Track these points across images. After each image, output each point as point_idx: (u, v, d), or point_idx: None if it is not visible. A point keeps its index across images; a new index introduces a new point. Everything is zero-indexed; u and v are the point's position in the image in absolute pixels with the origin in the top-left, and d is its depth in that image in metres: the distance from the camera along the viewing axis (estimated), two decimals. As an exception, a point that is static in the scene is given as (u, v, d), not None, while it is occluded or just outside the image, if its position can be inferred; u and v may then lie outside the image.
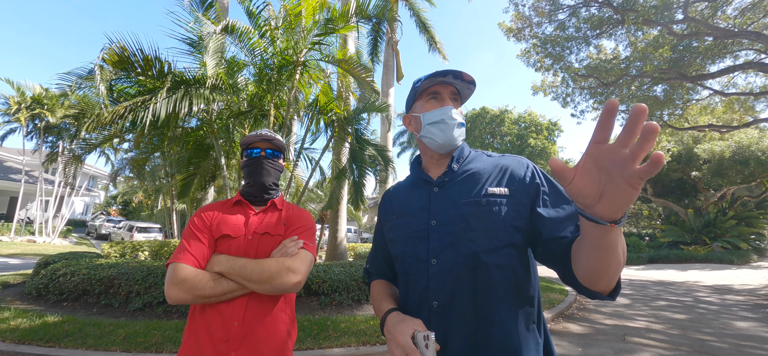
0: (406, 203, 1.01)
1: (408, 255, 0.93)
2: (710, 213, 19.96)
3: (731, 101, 11.15)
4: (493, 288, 0.82)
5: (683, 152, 19.57)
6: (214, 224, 1.24)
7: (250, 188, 1.35)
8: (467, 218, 0.86)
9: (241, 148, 1.39)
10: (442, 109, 0.95)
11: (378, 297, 1.01)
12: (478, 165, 0.96)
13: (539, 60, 10.67)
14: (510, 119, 29.96)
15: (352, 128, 6.71)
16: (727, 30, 7.85)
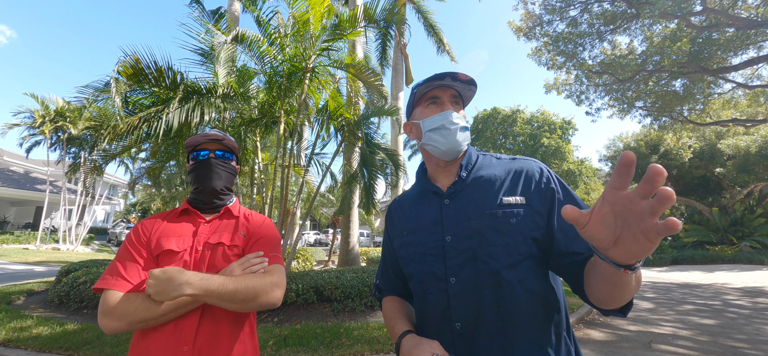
0: (417, 218, 0.95)
1: (424, 274, 0.87)
2: (737, 211, 19.09)
3: (756, 93, 10.66)
4: (518, 303, 0.77)
5: (705, 148, 18.83)
6: (153, 239, 1.11)
7: (198, 195, 1.21)
8: (484, 233, 0.81)
9: (185, 150, 1.25)
10: (442, 113, 0.91)
11: (391, 317, 0.96)
12: (489, 171, 0.90)
13: (551, 58, 10.46)
14: (522, 119, 29.52)
15: (362, 132, 6.70)
16: (750, 20, 7.51)
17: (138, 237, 1.12)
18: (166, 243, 1.10)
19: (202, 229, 1.16)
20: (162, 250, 1.09)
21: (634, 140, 21.68)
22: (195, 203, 1.22)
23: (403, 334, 0.83)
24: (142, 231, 1.13)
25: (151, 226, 1.15)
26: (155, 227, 1.15)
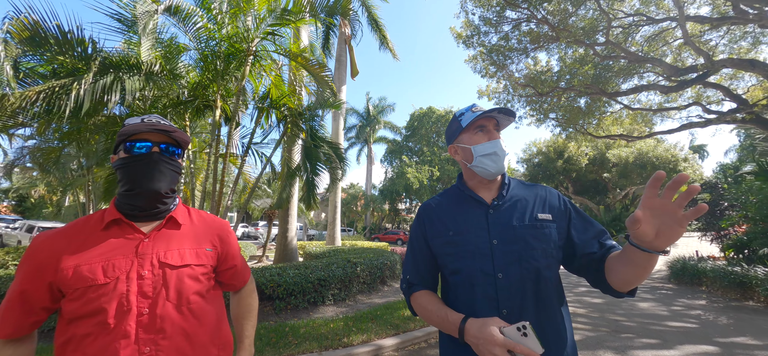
0: (462, 222, 1.09)
1: (474, 269, 1.02)
2: (616, 209, 23.29)
3: (636, 114, 13.11)
4: (549, 294, 1.01)
5: (597, 157, 22.54)
6: (65, 269, 0.83)
7: (134, 199, 0.93)
8: (527, 239, 1.02)
9: (116, 140, 0.95)
10: (493, 142, 1.08)
11: (437, 308, 1.05)
12: (522, 192, 1.12)
13: (485, 67, 11.41)
14: (454, 120, 31.63)
15: (307, 124, 6.48)
16: (636, 54, 9.22)
17: (35, 270, 0.84)
18: (89, 272, 0.83)
19: (146, 246, 0.91)
20: (87, 283, 0.82)
21: (545, 146, 24.85)
22: (128, 210, 0.94)
23: (464, 319, 0.95)
24: (44, 258, 0.84)
25: (55, 248, 0.85)
26: (62, 248, 0.85)
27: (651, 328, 4.82)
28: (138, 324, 0.84)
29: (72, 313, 0.82)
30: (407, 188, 28.72)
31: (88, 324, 0.82)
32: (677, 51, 10.47)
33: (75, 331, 0.82)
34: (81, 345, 0.81)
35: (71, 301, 0.83)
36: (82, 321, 0.82)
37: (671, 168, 17.54)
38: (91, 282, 0.83)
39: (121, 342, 0.82)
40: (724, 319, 5.23)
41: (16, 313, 0.84)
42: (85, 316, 0.82)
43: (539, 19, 8.96)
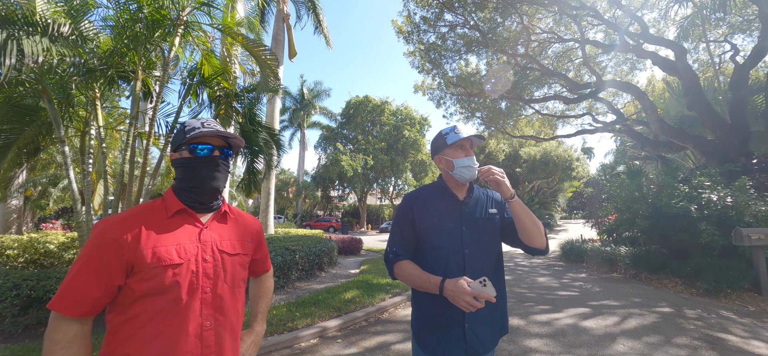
0: (443, 211, 1.45)
1: (449, 246, 1.39)
2: (525, 199, 26.84)
3: (544, 119, 15.21)
4: (496, 263, 1.46)
5: (512, 153, 25.53)
6: (144, 248, 0.92)
7: (198, 195, 1.06)
8: (484, 227, 1.43)
9: (179, 138, 1.05)
10: (470, 158, 1.42)
11: (418, 273, 1.35)
12: (480, 194, 1.52)
13: (422, 63, 12.00)
14: (389, 110, 32.34)
15: (245, 107, 6.12)
16: (547, 68, 10.71)
17: (113, 245, 0.91)
18: (167, 253, 0.94)
19: (206, 234, 1.04)
20: (165, 263, 0.93)
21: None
22: (190, 202, 1.06)
23: (443, 280, 1.26)
24: (119, 239, 0.92)
25: (132, 230, 0.94)
26: (137, 231, 0.94)
27: (546, 297, 5.85)
28: (202, 301, 0.98)
29: (145, 291, 0.91)
30: (341, 175, 28.69)
31: (161, 300, 0.92)
32: (577, 68, 12.47)
33: (145, 307, 0.91)
34: (152, 320, 0.91)
35: (145, 280, 0.91)
36: (155, 297, 0.92)
37: (567, 166, 20.84)
38: (169, 262, 0.94)
39: (189, 315, 0.95)
40: (597, 287, 6.60)
41: (93, 291, 0.88)
42: (159, 292, 0.92)
43: (472, 25, 9.77)
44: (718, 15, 9.67)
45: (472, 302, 1.15)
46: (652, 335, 3.96)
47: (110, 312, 0.94)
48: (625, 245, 8.61)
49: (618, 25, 9.61)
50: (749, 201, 5.82)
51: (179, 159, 1.07)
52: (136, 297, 0.91)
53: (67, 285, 0.88)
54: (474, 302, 1.15)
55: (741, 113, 8.18)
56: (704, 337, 3.86)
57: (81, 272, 0.89)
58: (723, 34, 10.53)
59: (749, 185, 6.25)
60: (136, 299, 0.91)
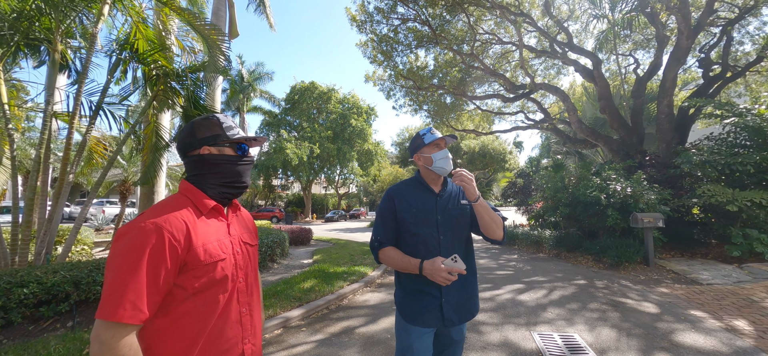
0: (421, 203, 1.62)
1: (426, 234, 1.57)
2: (463, 188, 28.77)
3: (483, 114, 16.41)
4: (470, 248, 1.69)
5: (454, 145, 27.05)
6: (197, 245, 0.94)
7: (233, 190, 1.10)
8: (456, 216, 1.62)
9: (213, 130, 1.06)
10: (445, 151, 1.62)
11: (400, 257, 1.55)
12: (452, 187, 1.71)
13: (373, 54, 12.08)
14: (336, 98, 31.84)
15: (187, 89, 5.60)
16: (489, 67, 11.58)
17: (168, 245, 0.88)
18: (214, 250, 0.98)
19: (232, 228, 1.09)
20: (215, 259, 0.97)
21: (415, 132, 28.10)
22: (219, 198, 1.07)
23: (422, 261, 1.47)
24: (174, 237, 0.89)
25: (182, 229, 0.92)
26: (187, 230, 0.93)
27: (487, 277, 6.51)
28: (239, 290, 1.04)
29: (197, 288, 0.93)
30: (285, 163, 27.60)
31: (210, 295, 0.96)
32: (513, 69, 13.68)
33: (194, 304, 0.93)
34: (201, 315, 0.94)
35: (198, 277, 0.93)
36: (205, 293, 0.95)
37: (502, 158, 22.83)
38: (218, 258, 0.98)
39: (232, 304, 1.01)
40: (528, 266, 7.51)
41: (154, 294, 0.86)
42: (210, 287, 0.96)
43: (423, 20, 10.11)
44: (625, 32, 11.38)
45: (446, 276, 1.37)
46: (572, 303, 4.69)
47: (163, 312, 0.91)
48: (550, 229, 9.85)
49: (549, 32, 10.76)
50: (643, 191, 7.11)
51: (218, 156, 1.06)
52: (187, 295, 0.92)
53: (124, 289, 0.81)
54: (448, 276, 1.37)
55: (639, 117, 9.83)
56: (610, 302, 4.70)
57: (139, 273, 0.83)
58: (628, 48, 12.47)
59: (643, 178, 7.61)
60: (188, 297, 0.92)
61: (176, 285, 0.91)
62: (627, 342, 3.34)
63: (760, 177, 6.74)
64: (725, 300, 4.47)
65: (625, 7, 10.75)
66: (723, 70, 9.34)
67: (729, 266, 6.19)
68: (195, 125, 1.07)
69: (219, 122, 1.08)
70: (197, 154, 1.06)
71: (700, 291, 5.02)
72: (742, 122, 6.87)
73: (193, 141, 1.05)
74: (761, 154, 6.53)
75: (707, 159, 7.06)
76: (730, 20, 9.29)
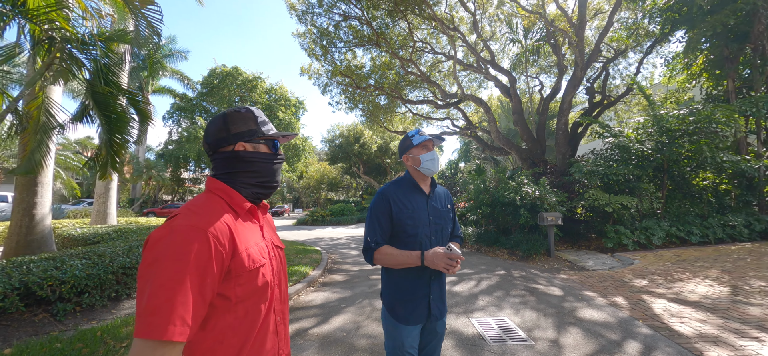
0: (415, 204, 1.67)
1: (421, 233, 1.64)
2: (391, 187, 29.79)
3: (414, 118, 17.31)
4: None
5: (383, 145, 27.84)
6: (241, 250, 0.87)
7: (268, 191, 1.04)
8: (444, 217, 1.73)
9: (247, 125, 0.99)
10: (432, 152, 1.67)
11: (398, 252, 1.59)
12: (440, 190, 1.79)
13: (311, 46, 11.72)
14: (262, 88, 29.84)
15: (96, 62, 4.67)
16: (424, 74, 12.30)
17: (214, 250, 0.79)
18: (256, 254, 0.91)
19: (264, 230, 1.02)
20: (258, 264, 0.90)
21: (346, 131, 28.08)
22: (253, 199, 1.01)
23: (422, 252, 1.53)
24: (219, 241, 0.81)
25: (227, 234, 0.84)
26: (230, 235, 0.85)
27: (424, 273, 6.98)
28: (274, 296, 0.98)
29: (240, 296, 0.86)
30: (200, 154, 24.81)
31: (253, 302, 0.90)
32: (442, 79, 14.77)
33: (237, 313, 0.86)
34: (245, 324, 0.88)
35: (241, 285, 0.86)
36: (248, 301, 0.88)
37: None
38: (260, 263, 0.91)
39: (270, 314, 0.96)
40: (457, 261, 8.27)
41: (200, 307, 0.76)
42: (252, 295, 0.89)
43: (365, 21, 10.21)
44: (534, 57, 13.27)
45: (448, 262, 1.47)
46: (498, 291, 5.36)
47: (203, 325, 0.83)
48: (472, 226, 10.95)
49: (475, 48, 11.93)
50: (547, 194, 8.45)
51: (254, 153, 0.99)
52: (228, 305, 0.85)
53: (173, 302, 0.71)
54: (450, 262, 1.47)
55: (542, 131, 11.59)
56: (527, 288, 5.51)
57: (185, 283, 0.73)
58: (535, 72, 14.59)
59: (547, 184, 9.04)
60: (229, 308, 0.85)
61: (221, 296, 0.84)
62: (545, 320, 3.99)
63: (627, 185, 8.63)
64: (606, 282, 5.64)
65: (535, 36, 12.55)
66: (602, 98, 11.66)
67: (605, 255, 7.79)
68: (228, 119, 0.98)
69: (254, 116, 1.01)
70: (231, 150, 0.97)
71: (589, 275, 6.22)
72: (617, 141, 8.69)
73: (228, 136, 0.97)
74: (628, 167, 8.37)
75: (592, 170, 8.74)
76: (609, 59, 11.66)
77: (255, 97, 29.62)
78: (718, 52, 10.19)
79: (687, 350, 3.09)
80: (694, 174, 9.00)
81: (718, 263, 6.34)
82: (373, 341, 3.49)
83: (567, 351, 3.16)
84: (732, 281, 5.17)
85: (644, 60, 11.68)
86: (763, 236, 8.26)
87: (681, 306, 4.27)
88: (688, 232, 8.01)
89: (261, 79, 29.55)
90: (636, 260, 6.92)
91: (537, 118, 11.88)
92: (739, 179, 9.15)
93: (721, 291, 4.76)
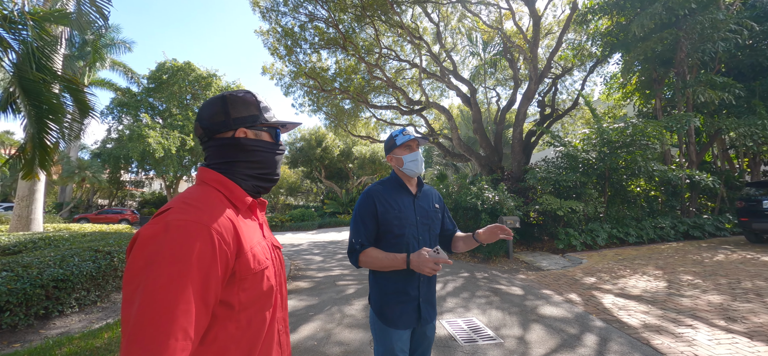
0: (402, 204, 1.64)
1: (408, 234, 1.61)
2: (353, 192, 29.55)
3: (378, 123, 17.39)
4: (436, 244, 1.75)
5: (346, 150, 27.60)
6: (246, 250, 0.77)
7: (268, 184, 0.94)
8: (433, 218, 1.70)
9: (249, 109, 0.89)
10: (415, 153, 1.66)
11: (383, 255, 1.53)
12: (427, 190, 1.77)
13: (275, 45, 11.32)
14: (218, 86, 28.17)
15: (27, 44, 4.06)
16: (390, 79, 12.44)
17: (218, 249, 0.70)
18: (261, 254, 0.82)
19: (263, 227, 0.92)
20: (263, 266, 0.81)
21: (308, 134, 27.42)
22: (253, 193, 0.90)
23: (407, 255, 1.46)
24: (224, 237, 0.72)
25: (231, 231, 0.75)
26: (235, 232, 0.75)
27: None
28: (277, 303, 0.88)
29: (244, 303, 0.77)
30: (145, 154, 22.67)
31: (257, 309, 0.80)
32: (406, 86, 15.04)
33: (240, 322, 0.76)
34: (249, 334, 0.78)
35: (245, 290, 0.77)
36: (251, 308, 0.79)
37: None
38: (265, 264, 0.82)
39: (275, 322, 0.86)
40: (422, 265, 8.38)
41: (202, 316, 0.66)
42: (256, 301, 0.79)
43: (332, 23, 10.09)
44: (491, 70, 14.02)
45: (433, 266, 1.39)
46: (464, 292, 5.51)
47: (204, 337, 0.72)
48: (435, 230, 11.20)
49: (438, 57, 12.34)
50: (506, 199, 8.91)
51: (256, 141, 0.89)
52: (231, 314, 0.74)
53: (173, 313, 0.60)
54: (435, 266, 1.39)
55: (500, 140, 12.24)
56: (490, 289, 5.72)
57: (186, 289, 0.62)
58: (493, 84, 15.44)
59: (505, 189, 9.53)
60: (231, 316, 0.74)
61: (223, 303, 0.73)
62: (510, 318, 4.16)
63: (574, 191, 9.37)
64: (561, 281, 6.05)
65: (493, 50, 13.29)
66: (552, 111, 12.62)
67: (557, 255, 8.37)
68: (228, 101, 0.87)
69: (256, 101, 0.91)
70: (230, 137, 0.86)
71: (545, 275, 6.63)
72: (566, 150, 9.43)
73: (227, 120, 0.86)
74: (576, 174, 9.11)
75: (545, 176, 9.38)
76: (557, 75, 12.69)
77: (209, 95, 27.87)
78: (648, 75, 11.55)
79: (636, 339, 3.39)
80: (629, 181, 10.03)
81: (652, 260, 7.09)
82: (346, 348, 3.38)
83: (534, 347, 3.31)
84: (665, 276, 5.80)
85: (588, 78, 12.90)
86: (686, 236, 9.41)
87: (626, 300, 4.70)
88: (626, 233, 8.88)
89: (216, 77, 27.92)
90: (584, 260, 7.51)
91: (494, 127, 12.56)
92: (665, 187, 10.37)
93: (657, 285, 5.32)
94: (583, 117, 15.59)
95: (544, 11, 11.18)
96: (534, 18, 10.28)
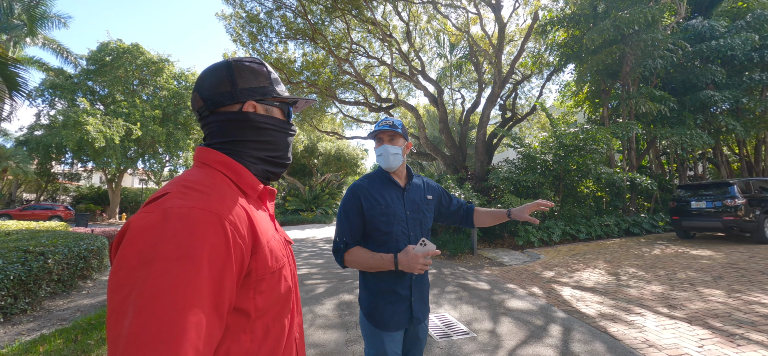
0: (389, 198, 1.55)
1: (396, 230, 1.52)
2: (317, 190, 28.96)
3: (344, 119, 17.17)
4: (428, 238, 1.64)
5: (310, 145, 26.94)
6: (263, 248, 0.66)
7: (276, 168, 0.81)
8: (424, 211, 1.63)
9: (259, 81, 0.76)
10: (382, 147, 1.56)
11: (369, 255, 1.46)
12: (418, 181, 1.69)
13: (238, 31, 10.69)
14: (170, 72, 26.10)
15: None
16: (360, 75, 12.30)
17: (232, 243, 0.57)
18: (278, 249, 0.71)
19: (273, 219, 0.80)
20: (281, 263, 0.70)
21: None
22: (264, 178, 0.79)
23: (395, 255, 1.40)
24: (238, 229, 0.59)
25: (246, 223, 0.63)
26: (251, 224, 0.64)
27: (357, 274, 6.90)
28: (294, 307, 0.79)
29: (261, 307, 0.65)
30: (83, 144, 20.35)
31: (274, 315, 0.69)
32: (375, 84, 15.00)
33: (256, 331, 0.65)
34: (264, 345, 0.66)
35: (262, 292, 0.65)
36: (268, 314, 0.67)
37: (355, 162, 24.37)
38: (283, 262, 0.71)
39: (293, 330, 0.77)
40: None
41: (215, 326, 0.53)
42: (273, 306, 0.68)
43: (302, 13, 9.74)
44: (457, 72, 14.42)
45: (424, 263, 1.34)
46: (434, 289, 5.59)
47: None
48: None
49: (407, 56, 12.45)
50: (471, 198, 9.22)
51: (266, 117, 0.77)
52: (247, 322, 0.63)
53: (183, 324, 0.47)
54: (425, 262, 1.35)
55: (464, 140, 12.64)
56: (459, 284, 5.87)
57: (198, 293, 0.50)
58: (458, 86, 15.91)
59: (470, 187, 9.86)
60: (245, 325, 0.63)
61: (237, 309, 0.61)
62: (480, 313, 4.29)
63: (533, 190, 9.94)
64: (523, 275, 6.37)
65: (459, 53, 13.67)
66: (512, 114, 13.29)
67: (517, 251, 8.82)
68: (235, 69, 0.74)
69: (267, 71, 0.79)
70: (238, 111, 0.73)
71: (508, 270, 6.94)
72: (526, 151, 9.96)
73: (233, 91, 0.72)
74: (534, 175, 9.65)
75: (506, 176, 9.84)
76: (518, 81, 13.38)
77: (161, 82, 25.72)
78: (598, 85, 12.59)
79: (595, 328, 3.64)
80: (580, 182, 10.85)
81: (601, 255, 7.73)
82: (322, 350, 3.27)
83: (505, 339, 3.43)
84: (613, 269, 6.34)
85: (545, 86, 13.75)
86: (627, 233, 10.39)
87: (583, 291, 5.05)
88: (577, 230, 9.59)
89: (169, 63, 25.87)
90: (542, 256, 7.99)
91: (459, 128, 12.96)
92: (610, 188, 11.37)
93: (608, 278, 5.79)
94: (539, 122, 16.62)
95: (508, 19, 11.73)
96: (499, 24, 10.74)
